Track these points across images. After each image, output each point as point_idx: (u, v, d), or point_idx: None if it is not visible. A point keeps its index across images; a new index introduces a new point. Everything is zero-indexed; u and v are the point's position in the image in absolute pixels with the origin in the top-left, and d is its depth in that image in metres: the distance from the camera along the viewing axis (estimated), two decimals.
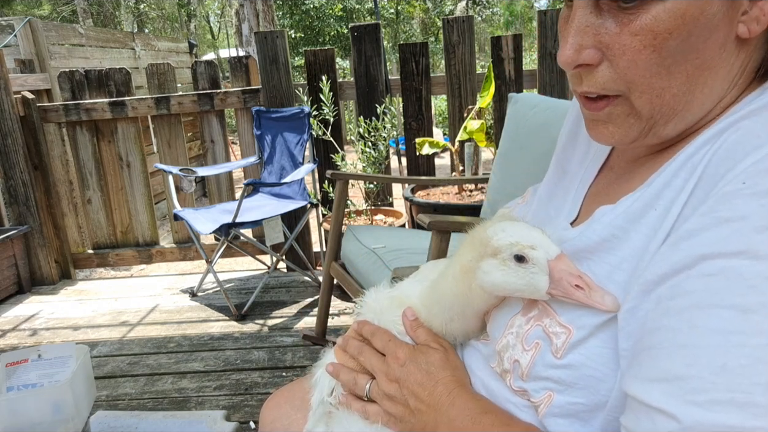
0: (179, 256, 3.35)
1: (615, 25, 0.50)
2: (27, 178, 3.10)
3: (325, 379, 0.74)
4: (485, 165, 4.68)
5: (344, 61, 12.51)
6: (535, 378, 0.55)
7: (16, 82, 3.19)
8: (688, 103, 0.52)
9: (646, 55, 0.49)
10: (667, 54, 0.49)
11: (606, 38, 0.51)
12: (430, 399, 0.62)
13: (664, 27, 0.48)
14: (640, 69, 0.50)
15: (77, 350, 1.69)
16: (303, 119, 2.90)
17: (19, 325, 2.76)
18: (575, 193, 0.67)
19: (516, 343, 0.58)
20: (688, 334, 0.43)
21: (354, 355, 0.72)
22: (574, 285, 0.54)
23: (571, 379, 0.53)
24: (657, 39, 0.49)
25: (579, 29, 0.52)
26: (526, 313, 0.60)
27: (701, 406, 0.40)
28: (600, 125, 0.57)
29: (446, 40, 2.99)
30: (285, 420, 0.88)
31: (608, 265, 0.54)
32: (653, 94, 0.51)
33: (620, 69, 0.51)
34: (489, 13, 18.53)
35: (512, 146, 1.94)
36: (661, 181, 0.53)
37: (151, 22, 17.73)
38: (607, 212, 0.56)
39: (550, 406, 0.54)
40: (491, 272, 0.59)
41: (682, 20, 0.48)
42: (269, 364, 2.23)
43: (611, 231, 0.54)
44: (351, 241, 2.04)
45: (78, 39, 5.10)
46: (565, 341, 0.54)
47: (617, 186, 0.61)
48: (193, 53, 8.53)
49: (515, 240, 0.58)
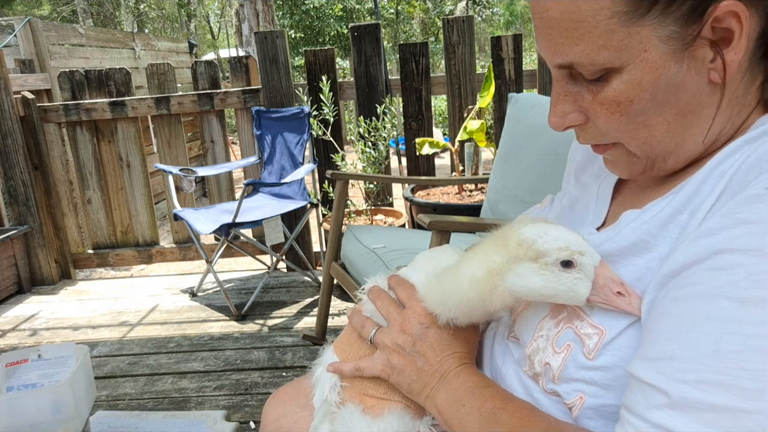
0: (179, 256, 3.35)
1: (588, 93, 0.56)
2: (27, 178, 3.10)
3: (326, 378, 0.74)
4: (485, 165, 4.68)
5: (344, 61, 12.51)
6: (567, 380, 0.56)
7: (16, 82, 3.19)
8: (680, 142, 0.55)
9: (616, 118, 0.55)
10: (636, 114, 0.54)
11: (584, 104, 0.57)
12: (439, 365, 0.64)
13: (625, 96, 0.53)
14: (616, 129, 0.56)
15: (77, 350, 1.69)
16: (303, 119, 2.90)
17: (19, 325, 2.76)
18: (597, 202, 0.68)
19: (546, 346, 0.59)
20: (688, 320, 0.46)
21: (372, 298, 0.72)
22: (616, 292, 0.55)
23: (604, 380, 0.54)
24: (621, 106, 0.54)
25: (559, 97, 0.58)
26: (554, 316, 0.60)
27: (690, 384, 0.44)
28: (608, 163, 0.63)
29: (446, 40, 2.99)
30: (290, 417, 0.88)
31: (635, 267, 0.56)
32: (640, 142, 0.56)
33: (601, 128, 0.57)
34: (489, 13, 18.53)
35: (512, 146, 1.94)
36: (691, 187, 0.55)
37: (151, 22, 17.73)
38: (635, 216, 0.58)
39: (583, 408, 0.55)
40: (528, 276, 0.57)
41: (640, 88, 0.52)
42: (269, 364, 2.23)
43: (640, 236, 0.56)
44: (351, 241, 2.04)
45: (78, 39, 5.10)
46: (597, 342, 0.55)
47: (643, 194, 0.63)
48: (193, 53, 8.53)
49: (565, 245, 0.56)
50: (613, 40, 0.51)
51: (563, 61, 0.55)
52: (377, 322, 0.71)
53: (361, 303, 0.76)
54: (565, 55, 0.54)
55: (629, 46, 0.51)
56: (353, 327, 0.73)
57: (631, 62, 0.51)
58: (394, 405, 0.69)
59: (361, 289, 0.77)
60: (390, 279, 0.73)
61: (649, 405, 0.46)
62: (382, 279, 0.76)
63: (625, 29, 0.50)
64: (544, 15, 0.54)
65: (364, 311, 0.74)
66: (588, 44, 0.52)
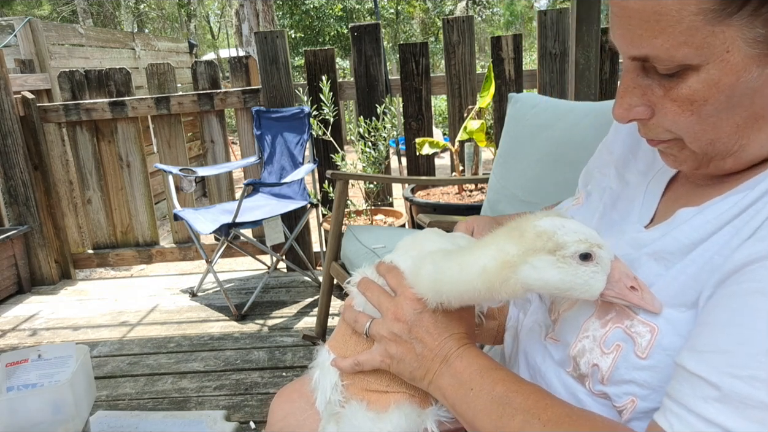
0: (179, 256, 3.35)
1: (659, 88, 0.54)
2: (27, 178, 3.10)
3: (325, 380, 0.73)
4: (485, 165, 4.67)
5: (344, 61, 12.51)
6: (617, 382, 0.55)
7: (16, 82, 3.19)
8: (744, 145, 0.54)
9: (686, 117, 0.53)
10: (707, 116, 0.52)
11: (653, 98, 0.55)
12: (439, 349, 0.63)
13: (700, 95, 0.51)
14: (684, 128, 0.54)
15: (77, 350, 1.69)
16: (303, 119, 2.90)
17: (19, 325, 2.76)
18: (644, 199, 0.67)
19: (593, 347, 0.58)
20: (745, 315, 0.46)
21: (362, 290, 0.71)
22: (630, 287, 0.55)
23: (656, 381, 0.53)
24: (694, 105, 0.52)
25: (627, 90, 0.56)
26: (601, 316, 0.59)
27: (742, 380, 0.43)
28: (663, 155, 0.62)
29: (446, 40, 2.99)
30: (299, 414, 0.86)
31: (694, 264, 0.54)
32: (702, 143, 0.55)
33: (667, 125, 0.55)
34: (489, 13, 18.53)
35: (512, 146, 1.94)
36: (764, 186, 0.53)
37: (151, 22, 17.73)
38: (693, 214, 0.57)
39: (634, 411, 0.54)
40: (545, 269, 0.56)
41: (716, 89, 0.50)
42: (269, 364, 2.23)
43: (701, 235, 0.55)
44: (351, 241, 2.04)
45: (78, 39, 5.10)
46: (651, 340, 0.54)
47: (699, 192, 0.61)
48: (193, 53, 8.53)
49: (584, 237, 0.56)
50: (696, 38, 0.48)
51: (639, 53, 0.53)
52: (370, 315, 0.70)
53: (351, 297, 0.75)
54: (641, 48, 0.52)
55: (712, 45, 0.48)
56: (346, 322, 0.72)
57: (711, 62, 0.49)
58: (398, 396, 0.68)
59: (347, 282, 0.76)
60: (378, 267, 0.72)
61: (697, 396, 0.45)
62: (371, 270, 0.74)
63: (710, 27, 0.48)
64: (625, 3, 0.51)
65: (355, 305, 0.73)
66: (668, 39, 0.49)
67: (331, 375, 0.72)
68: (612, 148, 0.77)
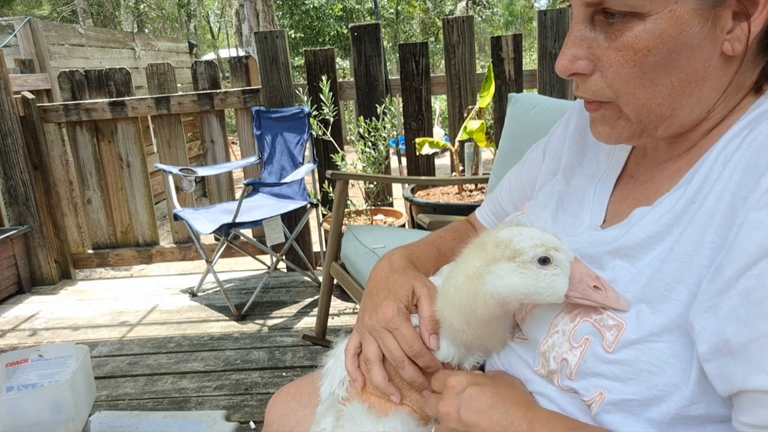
0: (179, 256, 3.35)
1: (604, 40, 0.55)
2: (27, 178, 3.10)
3: (336, 370, 0.73)
4: (485, 165, 4.68)
5: (344, 61, 12.51)
6: (585, 375, 0.55)
7: (16, 82, 3.19)
8: (675, 111, 0.56)
9: (628, 68, 0.54)
10: (648, 69, 0.54)
11: (597, 51, 0.56)
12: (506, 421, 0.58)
13: (644, 45, 0.53)
14: (624, 81, 0.55)
15: (77, 350, 1.69)
16: (303, 119, 2.90)
17: (19, 325, 2.76)
18: (594, 201, 0.69)
19: (563, 342, 0.58)
20: None
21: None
22: (593, 286, 0.55)
23: (625, 374, 0.53)
24: (637, 55, 0.53)
25: (575, 41, 0.57)
26: (570, 311, 0.59)
27: None
28: (597, 124, 0.62)
29: (446, 40, 2.99)
30: (293, 416, 0.88)
31: (650, 259, 0.56)
32: (638, 104, 0.56)
33: (608, 80, 0.56)
34: (489, 13, 18.52)
35: (512, 146, 1.94)
36: (701, 176, 0.55)
37: (151, 22, 17.73)
38: (647, 212, 0.59)
39: (603, 404, 0.54)
40: (507, 276, 0.58)
41: (660, 39, 0.52)
42: (269, 364, 2.23)
43: (657, 228, 0.56)
44: (351, 241, 2.04)
45: (78, 39, 5.10)
46: (617, 335, 0.54)
47: (647, 190, 0.64)
48: (193, 53, 8.53)
49: (540, 242, 0.57)
50: None
51: None
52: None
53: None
54: None
55: None
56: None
57: (659, 11, 0.51)
58: (400, 408, 0.69)
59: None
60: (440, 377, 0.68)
61: None
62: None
63: None
64: None
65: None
66: None
67: (341, 369, 0.73)
68: (557, 154, 0.80)
